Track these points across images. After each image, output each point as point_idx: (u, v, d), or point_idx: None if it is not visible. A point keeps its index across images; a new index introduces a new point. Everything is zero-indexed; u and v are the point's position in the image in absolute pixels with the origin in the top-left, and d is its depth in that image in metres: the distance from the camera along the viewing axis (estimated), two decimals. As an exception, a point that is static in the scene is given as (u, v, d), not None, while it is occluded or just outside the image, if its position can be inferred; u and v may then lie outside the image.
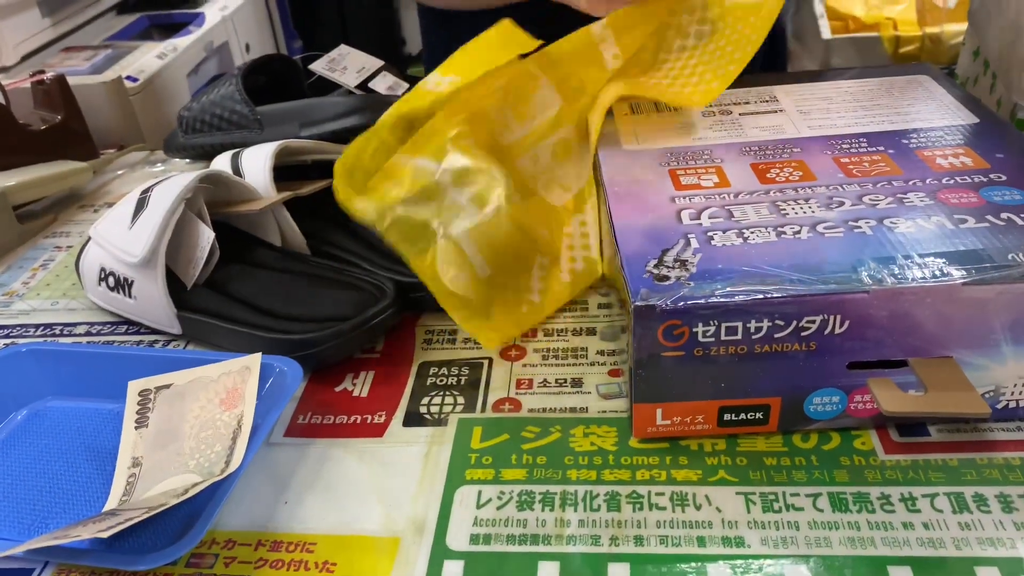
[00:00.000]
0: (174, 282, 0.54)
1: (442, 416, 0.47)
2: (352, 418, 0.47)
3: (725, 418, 0.43)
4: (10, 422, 0.48)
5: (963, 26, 1.58)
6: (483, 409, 0.47)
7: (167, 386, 0.46)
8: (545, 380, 0.49)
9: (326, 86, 0.73)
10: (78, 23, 1.04)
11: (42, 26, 1.00)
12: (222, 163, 0.62)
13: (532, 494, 0.41)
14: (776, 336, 0.40)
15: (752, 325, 0.39)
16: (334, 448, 0.45)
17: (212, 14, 1.11)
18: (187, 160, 0.76)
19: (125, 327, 0.57)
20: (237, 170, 0.60)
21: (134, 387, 0.46)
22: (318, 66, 0.70)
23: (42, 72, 0.79)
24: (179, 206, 0.55)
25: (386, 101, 0.63)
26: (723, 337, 0.40)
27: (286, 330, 0.51)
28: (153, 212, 0.55)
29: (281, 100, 0.69)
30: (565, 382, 0.49)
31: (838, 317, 0.39)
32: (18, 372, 0.49)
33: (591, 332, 0.52)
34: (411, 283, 0.54)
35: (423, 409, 0.47)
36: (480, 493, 0.42)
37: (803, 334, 0.40)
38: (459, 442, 0.45)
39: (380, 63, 0.73)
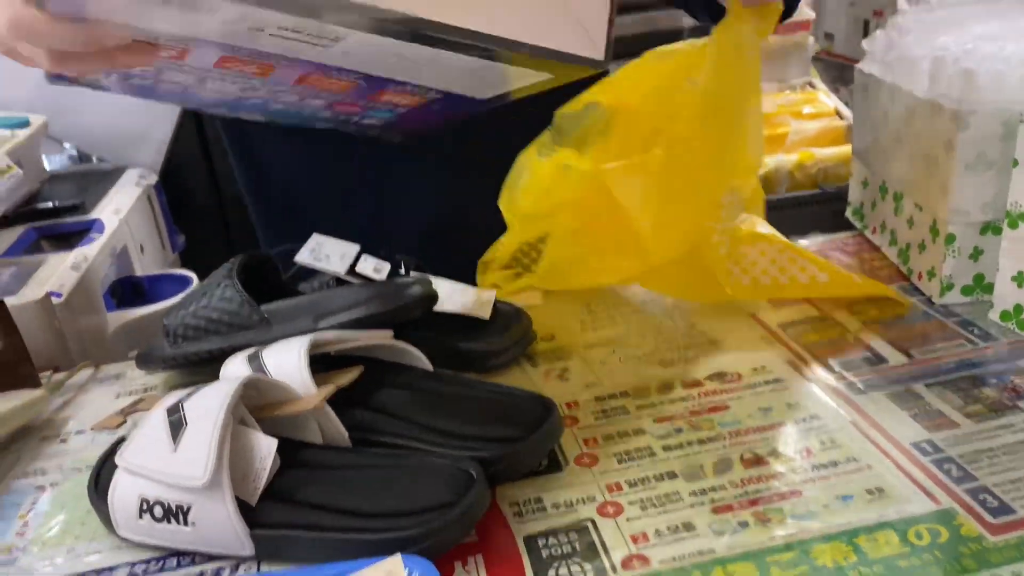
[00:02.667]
0: (235, 500, 0.50)
1: (579, 586, 0.46)
2: (488, 607, 0.46)
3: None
4: None
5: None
6: (615, 571, 0.47)
7: (301, 612, 0.42)
8: (657, 530, 0.50)
9: (302, 277, 0.72)
10: (-39, 244, 0.96)
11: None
12: (238, 366, 0.60)
13: (714, 644, 0.42)
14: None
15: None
16: (488, 642, 0.43)
17: (108, 218, 1.06)
18: (158, 373, 0.72)
19: (176, 560, 0.52)
20: (261, 371, 0.58)
21: (262, 621, 0.42)
22: (302, 257, 0.70)
23: (-28, 299, 0.72)
24: (229, 418, 0.52)
25: (398, 286, 0.64)
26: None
27: (382, 528, 0.48)
28: (199, 429, 0.52)
29: (262, 295, 0.67)
30: (677, 528, 0.50)
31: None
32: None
33: (672, 476, 0.54)
34: (487, 457, 0.54)
35: (555, 583, 0.47)
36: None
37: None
38: (610, 608, 0.44)
39: (357, 247, 0.73)
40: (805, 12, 2.33)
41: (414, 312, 0.65)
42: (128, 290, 1.09)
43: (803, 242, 0.86)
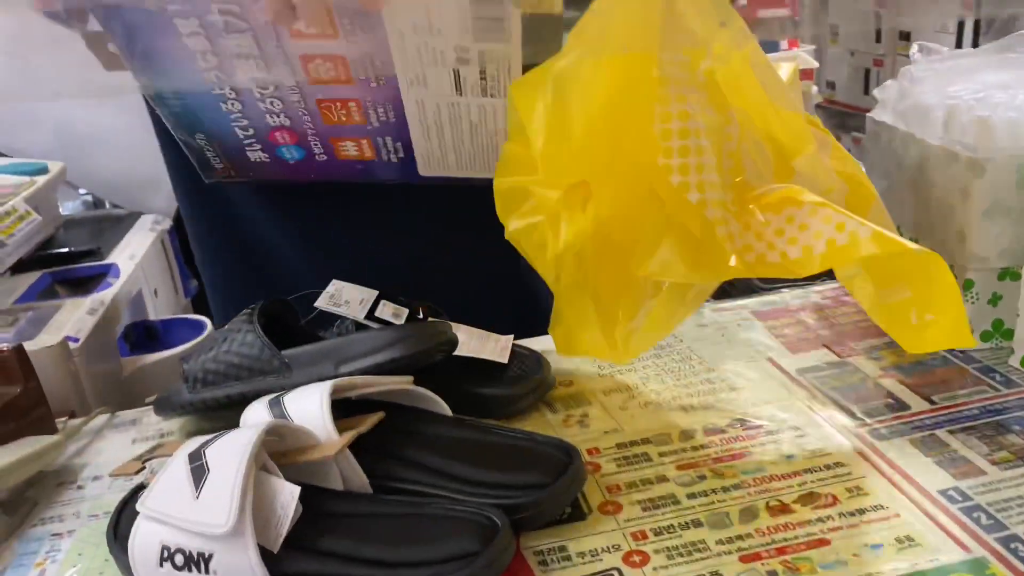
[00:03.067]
0: (257, 548, 0.50)
1: (607, 637, 0.45)
2: (515, 659, 0.45)
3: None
4: None
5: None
6: (643, 621, 0.46)
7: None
8: (685, 579, 0.49)
9: (320, 322, 0.73)
10: (-24, 291, 0.97)
11: (-66, 299, 0.92)
12: (260, 412, 0.59)
13: None
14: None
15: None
16: None
17: (124, 263, 1.07)
18: (176, 418, 0.71)
19: (196, 610, 0.51)
20: (282, 417, 0.58)
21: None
22: (322, 303, 0.70)
23: (-9, 344, 0.72)
24: (252, 464, 0.51)
25: (419, 331, 0.64)
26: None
27: (408, 578, 0.48)
28: (222, 475, 0.51)
29: (281, 340, 0.67)
30: (706, 578, 0.49)
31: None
32: None
33: (698, 524, 0.54)
34: (511, 505, 0.53)
35: (583, 634, 0.46)
36: None
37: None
38: (641, 660, 0.44)
39: (375, 292, 0.73)
40: (808, 61, 2.37)
41: (435, 357, 0.65)
42: (141, 334, 1.09)
43: (817, 288, 0.87)
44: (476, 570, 0.47)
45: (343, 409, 0.62)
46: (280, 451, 0.56)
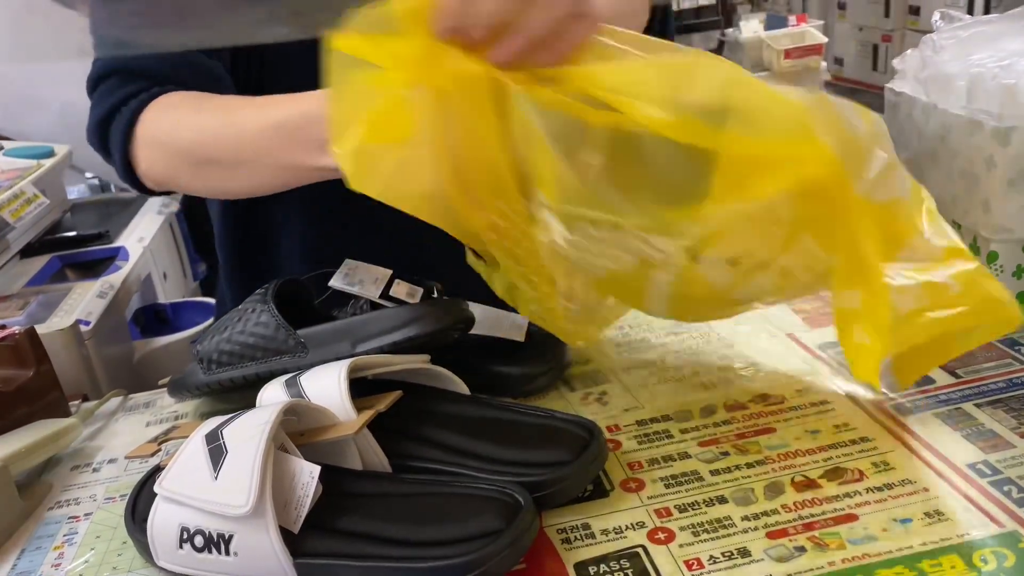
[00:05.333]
0: (277, 528, 0.49)
1: (635, 615, 0.45)
2: (542, 637, 0.44)
3: None
4: None
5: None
6: (671, 598, 0.46)
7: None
8: (712, 556, 0.48)
9: (334, 302, 0.72)
10: (-14, 274, 0.96)
11: (-55, 282, 0.91)
12: (276, 392, 0.59)
13: (781, 675, 0.40)
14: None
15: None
16: (545, 674, 0.42)
17: (133, 247, 1.06)
18: (191, 400, 0.71)
19: (217, 591, 0.50)
20: (299, 397, 0.57)
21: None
22: (336, 283, 0.69)
23: (2, 327, 0.72)
24: (271, 444, 0.51)
25: (435, 309, 0.63)
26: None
27: (430, 557, 0.47)
28: (240, 456, 0.51)
29: (296, 320, 0.67)
30: (732, 554, 0.48)
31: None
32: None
33: (722, 500, 0.53)
34: (533, 483, 0.52)
35: (610, 612, 0.45)
36: None
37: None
38: (670, 638, 0.43)
39: (389, 272, 0.72)
40: (817, 36, 2.34)
41: (452, 335, 0.64)
42: (151, 317, 1.08)
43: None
44: (500, 548, 0.47)
45: (359, 389, 0.61)
46: (298, 431, 0.56)
